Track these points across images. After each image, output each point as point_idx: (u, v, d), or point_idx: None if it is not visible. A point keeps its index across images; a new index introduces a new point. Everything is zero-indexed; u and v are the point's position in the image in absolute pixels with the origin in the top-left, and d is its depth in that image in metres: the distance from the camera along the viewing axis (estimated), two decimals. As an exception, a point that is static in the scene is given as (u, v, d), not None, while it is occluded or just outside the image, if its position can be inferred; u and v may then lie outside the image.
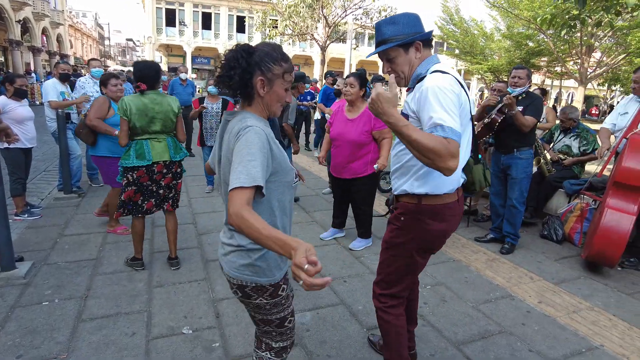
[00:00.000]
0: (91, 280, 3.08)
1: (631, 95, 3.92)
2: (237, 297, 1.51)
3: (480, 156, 2.35)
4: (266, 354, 1.64)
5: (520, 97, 3.82)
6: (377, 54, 1.74)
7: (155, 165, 3.10)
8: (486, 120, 3.88)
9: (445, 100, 1.50)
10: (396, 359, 1.95)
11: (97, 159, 3.92)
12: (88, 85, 5.27)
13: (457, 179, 1.78)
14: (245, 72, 1.34)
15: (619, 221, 3.37)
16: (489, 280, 3.35)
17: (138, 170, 3.07)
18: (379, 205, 5.25)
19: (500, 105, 3.74)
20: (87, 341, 2.38)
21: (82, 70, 20.22)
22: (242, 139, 1.29)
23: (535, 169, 4.72)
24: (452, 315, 2.80)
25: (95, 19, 60.95)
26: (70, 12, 44.19)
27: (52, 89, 4.97)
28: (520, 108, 3.72)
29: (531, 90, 4.07)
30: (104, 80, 3.89)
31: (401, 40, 1.65)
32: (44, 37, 30.23)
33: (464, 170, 1.83)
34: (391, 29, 1.67)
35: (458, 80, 1.63)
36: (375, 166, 3.64)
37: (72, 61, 34.69)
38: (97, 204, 4.78)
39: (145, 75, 3.03)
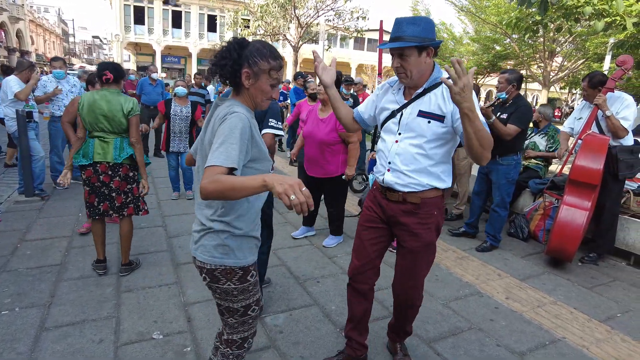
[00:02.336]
0: (55, 287, 2.97)
1: (585, 101, 4.11)
2: (206, 282, 1.54)
3: None
4: (227, 350, 1.65)
5: (506, 104, 3.85)
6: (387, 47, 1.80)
7: (98, 166, 3.00)
8: None
9: None
10: None
11: None
12: (50, 85, 5.06)
13: None
14: (235, 64, 1.45)
15: (573, 216, 3.55)
16: (458, 278, 3.43)
17: (86, 170, 3.00)
18: (352, 205, 5.29)
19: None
20: (50, 350, 2.29)
21: (45, 68, 19.42)
22: (227, 122, 1.38)
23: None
24: (423, 313, 2.83)
25: (59, 14, 58.56)
26: (31, 6, 42.34)
27: (16, 83, 4.78)
28: (504, 115, 3.78)
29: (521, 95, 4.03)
30: (91, 79, 3.96)
31: (419, 42, 1.73)
32: (2, 33, 28.87)
33: None
34: (412, 29, 1.74)
35: None
36: (342, 176, 3.75)
37: (33, 58, 33.26)
38: (62, 207, 4.61)
39: (112, 67, 3.02)
